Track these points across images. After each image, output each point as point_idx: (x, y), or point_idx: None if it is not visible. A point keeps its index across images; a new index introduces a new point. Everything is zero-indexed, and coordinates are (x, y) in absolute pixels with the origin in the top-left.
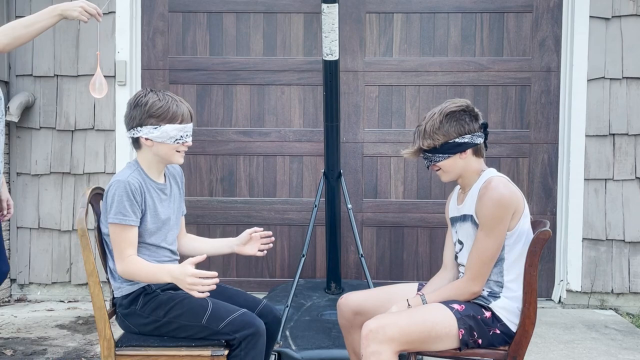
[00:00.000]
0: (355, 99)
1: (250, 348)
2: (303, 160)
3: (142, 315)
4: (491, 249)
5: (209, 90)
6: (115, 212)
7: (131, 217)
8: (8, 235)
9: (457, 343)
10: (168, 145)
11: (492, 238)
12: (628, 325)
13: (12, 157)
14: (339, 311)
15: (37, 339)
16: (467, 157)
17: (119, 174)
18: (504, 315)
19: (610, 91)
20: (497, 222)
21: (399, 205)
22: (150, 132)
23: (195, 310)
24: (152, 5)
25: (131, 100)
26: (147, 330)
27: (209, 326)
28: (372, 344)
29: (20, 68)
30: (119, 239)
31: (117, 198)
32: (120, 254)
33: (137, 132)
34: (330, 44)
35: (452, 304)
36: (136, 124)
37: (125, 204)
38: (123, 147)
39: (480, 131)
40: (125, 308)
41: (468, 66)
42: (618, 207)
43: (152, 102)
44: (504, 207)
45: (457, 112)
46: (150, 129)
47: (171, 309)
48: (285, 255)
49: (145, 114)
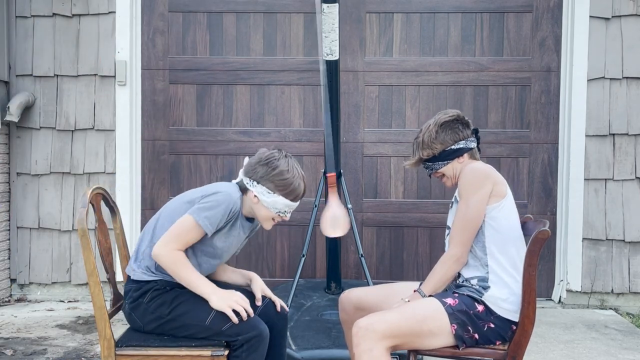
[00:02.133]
0: (355, 99)
1: (252, 351)
2: (303, 160)
3: (147, 310)
4: (469, 215)
5: (209, 90)
6: (206, 212)
7: (210, 227)
8: (8, 235)
9: (451, 338)
10: (268, 212)
11: (470, 205)
12: (628, 325)
13: (12, 157)
14: (341, 306)
15: (37, 339)
16: (464, 161)
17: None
18: (496, 305)
19: (610, 91)
20: (473, 190)
21: (399, 205)
22: (262, 194)
23: (200, 310)
24: (152, 5)
25: (264, 155)
26: (151, 328)
27: (212, 327)
28: (363, 341)
29: (20, 68)
30: (185, 230)
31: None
32: (174, 241)
33: (251, 186)
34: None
35: (445, 299)
36: (255, 178)
37: (218, 214)
38: (123, 147)
39: (472, 136)
40: (133, 300)
41: (468, 66)
42: (618, 207)
43: (280, 170)
44: (477, 175)
45: (451, 121)
46: (264, 190)
47: (176, 307)
48: (285, 255)
49: (269, 176)
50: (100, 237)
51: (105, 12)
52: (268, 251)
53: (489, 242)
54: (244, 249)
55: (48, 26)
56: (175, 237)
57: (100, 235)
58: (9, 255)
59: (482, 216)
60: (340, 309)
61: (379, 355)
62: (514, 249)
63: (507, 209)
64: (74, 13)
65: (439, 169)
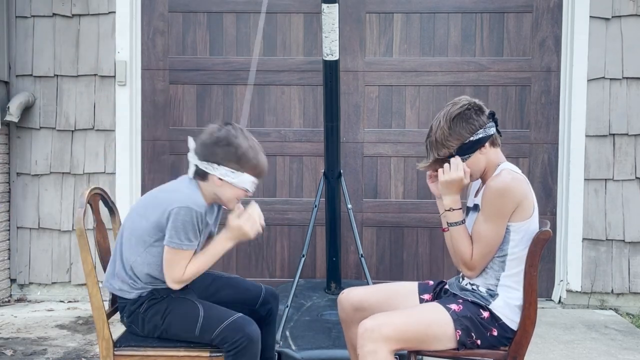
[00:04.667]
0: (355, 99)
1: (241, 355)
2: (303, 161)
3: (144, 319)
4: (487, 236)
5: (209, 90)
6: (184, 236)
7: (195, 242)
8: (8, 235)
9: (454, 343)
10: (234, 191)
11: (489, 224)
12: (628, 326)
13: (12, 157)
14: (340, 305)
15: (37, 339)
16: (486, 150)
17: (185, 196)
18: (502, 314)
19: (610, 91)
20: (495, 210)
21: (399, 205)
22: (226, 175)
23: (189, 321)
24: (152, 5)
25: (219, 135)
26: (151, 335)
27: (202, 335)
28: (368, 343)
29: (20, 68)
30: (177, 260)
31: (184, 223)
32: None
33: (212, 170)
34: (331, 44)
35: (450, 305)
36: (215, 161)
37: (193, 228)
38: (123, 148)
39: (489, 121)
40: (130, 314)
41: (468, 66)
42: (618, 207)
43: (244, 149)
44: (504, 196)
45: (462, 112)
46: (228, 171)
47: (167, 317)
48: (285, 255)
49: (232, 156)
50: (98, 237)
51: (105, 12)
52: (268, 251)
53: (510, 260)
54: (244, 249)
55: (48, 26)
56: (175, 269)
57: (99, 235)
58: (9, 255)
59: (501, 237)
60: (339, 309)
61: (384, 357)
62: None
63: (533, 226)
64: (74, 13)
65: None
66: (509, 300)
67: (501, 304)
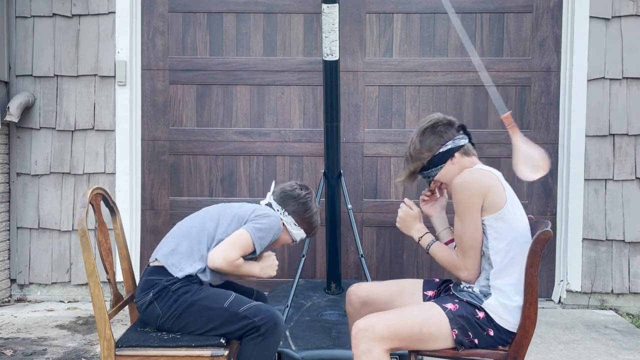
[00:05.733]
0: (355, 99)
1: (268, 334)
2: (303, 161)
3: (171, 298)
4: (465, 234)
5: (209, 90)
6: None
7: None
8: (8, 235)
9: (451, 342)
10: (287, 238)
11: (462, 222)
12: (628, 326)
13: (12, 157)
14: (348, 299)
15: (37, 339)
16: (457, 160)
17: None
18: (496, 314)
19: (610, 91)
20: (462, 206)
21: (399, 206)
22: (290, 224)
23: (219, 295)
24: (152, 5)
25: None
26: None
27: (230, 309)
28: (362, 342)
29: (20, 68)
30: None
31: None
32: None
33: (282, 214)
34: (331, 44)
35: (446, 304)
36: (286, 209)
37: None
38: (123, 148)
39: (459, 133)
40: (161, 289)
41: (468, 66)
42: (618, 207)
43: (312, 212)
44: (463, 190)
45: (430, 126)
46: (292, 222)
47: (198, 292)
48: (285, 255)
49: (300, 212)
50: (100, 237)
51: (105, 13)
52: None
53: (493, 255)
54: None
55: (48, 26)
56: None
57: (101, 235)
58: (8, 255)
59: (480, 232)
60: (347, 302)
61: (378, 356)
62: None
63: (509, 216)
64: (74, 13)
65: (435, 175)
66: (502, 300)
67: (494, 303)
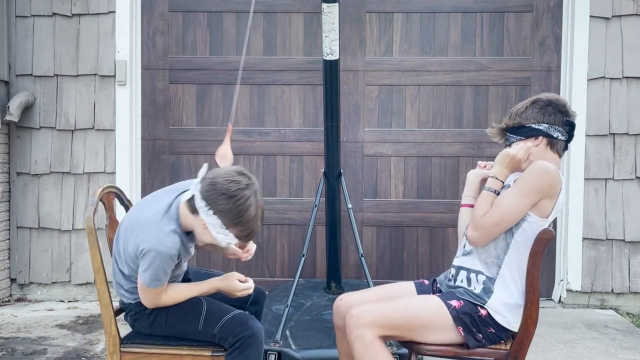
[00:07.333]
0: (355, 99)
1: (245, 349)
2: (303, 160)
3: (148, 319)
4: (508, 205)
5: (209, 90)
6: (152, 278)
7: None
8: (8, 235)
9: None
10: (212, 240)
11: (515, 196)
12: (628, 325)
13: (12, 157)
14: (336, 311)
15: (37, 339)
16: (539, 145)
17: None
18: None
19: (610, 91)
20: (528, 184)
21: (399, 205)
22: (214, 226)
23: (192, 316)
24: (152, 5)
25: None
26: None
27: (206, 330)
28: (355, 328)
29: (20, 68)
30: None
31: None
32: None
33: (205, 215)
34: (331, 43)
35: (450, 301)
36: (213, 208)
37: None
38: (123, 147)
39: (561, 126)
40: (135, 314)
41: (468, 66)
42: (618, 206)
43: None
44: (542, 175)
45: (543, 101)
46: (218, 224)
47: (171, 314)
48: (285, 255)
49: (231, 213)
50: (110, 235)
51: (105, 12)
52: (268, 251)
53: (514, 248)
54: None
55: (48, 26)
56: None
57: (111, 232)
58: (9, 255)
59: (519, 216)
60: (335, 315)
61: (371, 341)
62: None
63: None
64: (74, 13)
65: (512, 142)
66: (504, 298)
67: (497, 302)
